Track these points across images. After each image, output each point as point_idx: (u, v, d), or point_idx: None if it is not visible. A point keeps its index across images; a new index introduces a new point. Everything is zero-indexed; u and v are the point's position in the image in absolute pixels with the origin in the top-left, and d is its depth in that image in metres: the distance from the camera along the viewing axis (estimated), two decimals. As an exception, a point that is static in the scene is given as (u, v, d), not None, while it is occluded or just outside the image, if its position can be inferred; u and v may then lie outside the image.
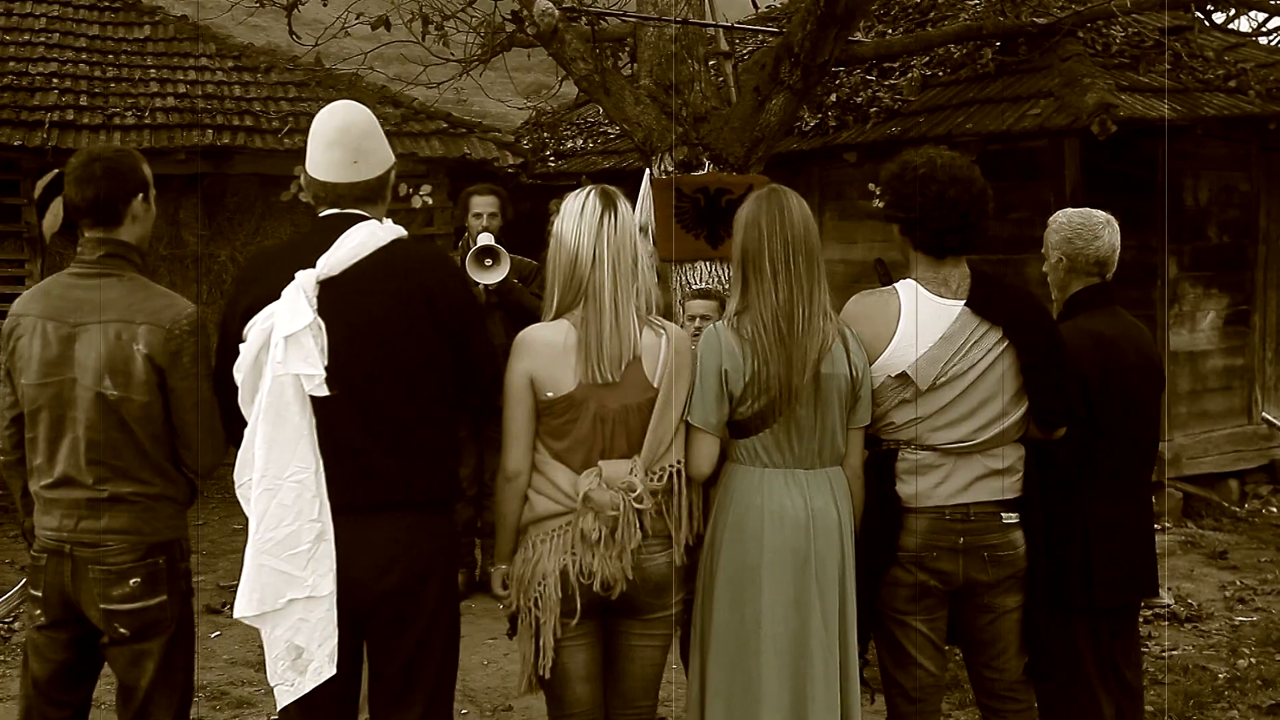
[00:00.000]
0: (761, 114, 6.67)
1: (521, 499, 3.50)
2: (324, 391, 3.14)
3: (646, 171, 6.95)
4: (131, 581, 3.36)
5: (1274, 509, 9.61)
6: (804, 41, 6.38)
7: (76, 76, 10.93)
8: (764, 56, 6.95)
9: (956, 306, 3.64)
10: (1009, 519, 3.67)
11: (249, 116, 10.91)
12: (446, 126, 11.53)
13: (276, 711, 3.35)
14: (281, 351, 3.11)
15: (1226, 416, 9.93)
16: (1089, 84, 8.36)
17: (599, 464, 3.45)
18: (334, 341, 3.17)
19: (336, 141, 3.33)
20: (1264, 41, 11.33)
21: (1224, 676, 5.85)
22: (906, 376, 3.60)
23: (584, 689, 3.55)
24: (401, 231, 3.38)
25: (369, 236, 3.27)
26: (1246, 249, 10.09)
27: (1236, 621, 6.80)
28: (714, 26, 7.40)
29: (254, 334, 3.18)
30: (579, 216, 3.51)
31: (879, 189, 3.86)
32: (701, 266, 6.78)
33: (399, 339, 3.25)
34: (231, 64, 11.78)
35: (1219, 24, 10.36)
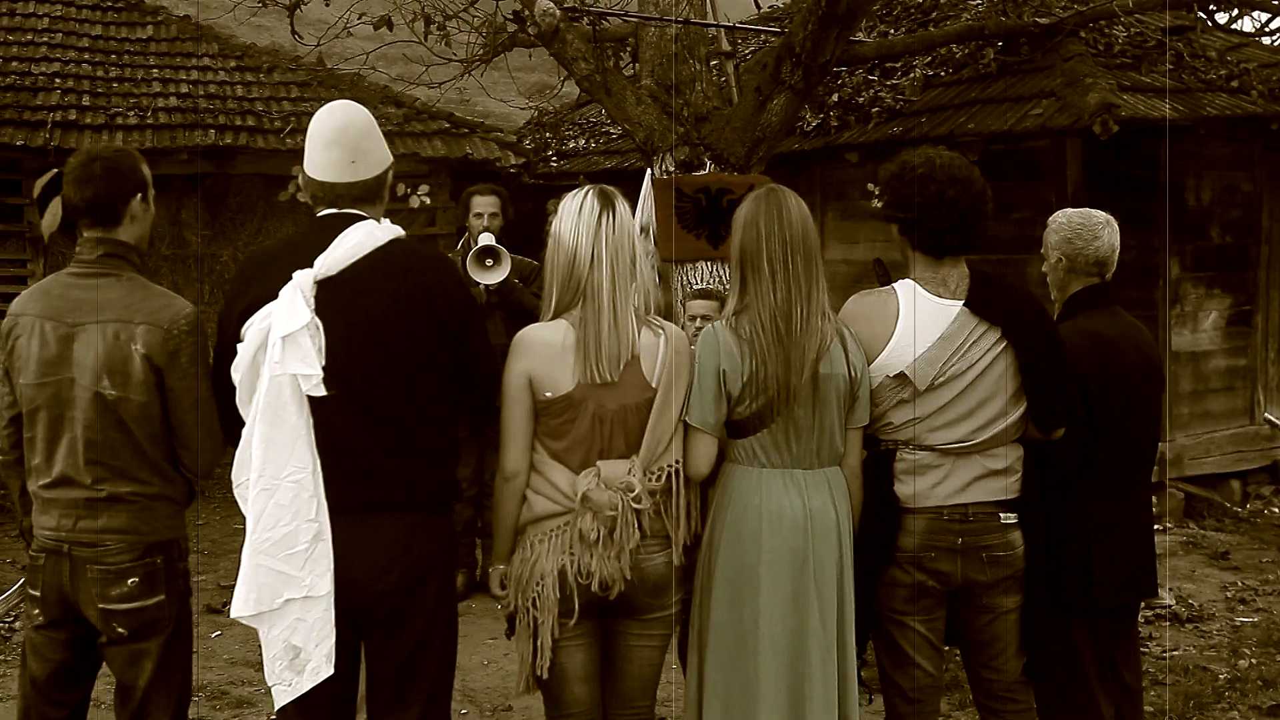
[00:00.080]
0: (763, 114, 6.67)
1: (520, 499, 3.50)
2: (321, 391, 3.13)
3: (648, 171, 6.95)
4: (129, 581, 3.36)
5: (1276, 510, 9.60)
6: (805, 41, 6.38)
7: (79, 76, 10.95)
8: (765, 56, 6.94)
9: (955, 306, 3.63)
10: (1007, 519, 3.67)
11: (251, 116, 10.93)
12: (448, 127, 11.54)
13: (275, 711, 3.35)
14: (279, 351, 3.11)
15: (1229, 417, 9.92)
16: (1091, 84, 8.35)
17: (597, 464, 3.44)
18: (332, 341, 3.17)
19: (334, 141, 3.33)
20: (1267, 41, 11.30)
21: (1224, 677, 5.84)
22: (905, 376, 3.60)
23: (582, 689, 3.54)
24: (399, 231, 3.37)
25: (367, 236, 3.27)
26: (1249, 249, 10.08)
27: (1237, 622, 6.79)
28: (715, 26, 7.40)
29: (251, 334, 3.18)
30: (577, 216, 3.50)
31: (878, 189, 3.86)
32: (702, 266, 6.78)
33: (397, 339, 3.25)
34: (234, 64, 11.81)
35: (1222, 24, 10.35)
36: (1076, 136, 8.52)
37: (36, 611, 3.45)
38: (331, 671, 3.18)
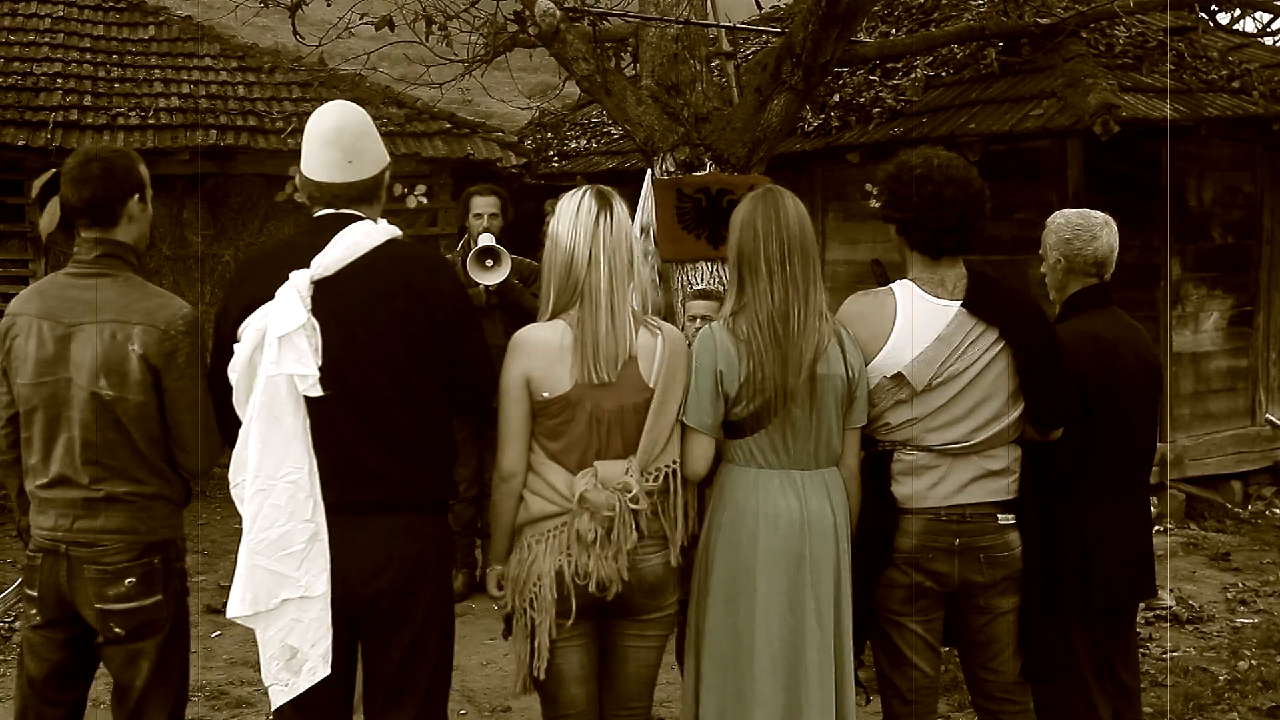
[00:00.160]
0: (763, 114, 6.67)
1: (517, 499, 3.49)
2: (318, 392, 3.13)
3: (648, 172, 6.95)
4: (127, 581, 3.37)
5: (1277, 510, 9.58)
6: (805, 42, 6.38)
7: (81, 77, 10.97)
8: (765, 57, 6.95)
9: (953, 307, 3.63)
10: (1005, 520, 3.66)
11: (252, 117, 10.94)
12: (450, 127, 11.55)
13: (272, 711, 3.35)
14: (275, 352, 3.11)
15: (1230, 418, 9.91)
16: (1092, 84, 8.34)
17: (595, 464, 3.44)
18: (328, 342, 3.17)
19: (331, 142, 3.33)
20: (1269, 42, 11.29)
21: (1224, 678, 5.84)
22: (902, 377, 3.59)
23: (579, 690, 3.54)
24: (396, 231, 3.37)
25: (363, 236, 3.27)
26: (1250, 250, 10.08)
27: (1238, 623, 6.79)
28: (716, 27, 7.40)
29: (248, 334, 3.18)
30: (574, 217, 3.50)
31: (876, 189, 3.85)
32: (703, 267, 6.78)
33: (393, 339, 3.25)
34: (235, 64, 11.82)
35: (1224, 25, 10.34)
36: (1077, 137, 8.51)
37: (34, 611, 3.45)
38: (328, 672, 3.18)
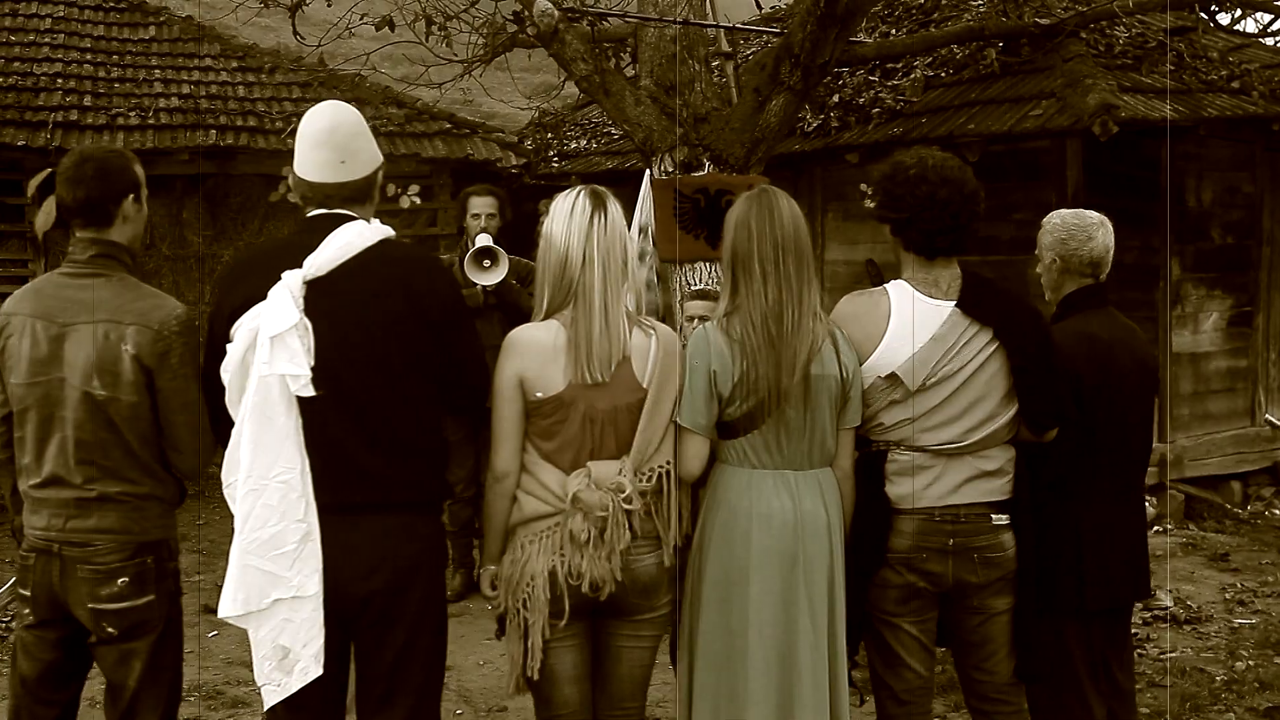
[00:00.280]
0: (762, 115, 6.67)
1: (510, 500, 3.49)
2: (310, 392, 3.13)
3: (647, 172, 6.95)
4: (119, 581, 3.37)
5: (1276, 511, 9.58)
6: (804, 42, 6.38)
7: (81, 77, 10.98)
8: (764, 57, 6.94)
9: (947, 307, 3.63)
10: (999, 520, 3.66)
11: (252, 117, 10.95)
12: (450, 127, 11.56)
13: (264, 711, 3.35)
14: (267, 352, 3.11)
15: (1229, 418, 9.91)
16: (1091, 85, 8.33)
17: (588, 465, 3.44)
18: (320, 342, 3.17)
19: (324, 142, 3.33)
20: (1269, 43, 11.28)
21: (1221, 679, 5.83)
22: (896, 377, 3.59)
23: (572, 690, 3.54)
24: (389, 231, 3.37)
25: (356, 236, 3.27)
26: (1250, 250, 10.07)
27: (1236, 624, 6.78)
28: (715, 27, 7.40)
29: (240, 334, 3.18)
30: (569, 217, 3.50)
31: (871, 189, 3.85)
32: (701, 267, 6.77)
33: (386, 339, 3.25)
34: (235, 64, 11.82)
35: (1225, 25, 10.33)
36: (1077, 137, 8.50)
37: (27, 611, 3.46)
38: (320, 672, 3.18)
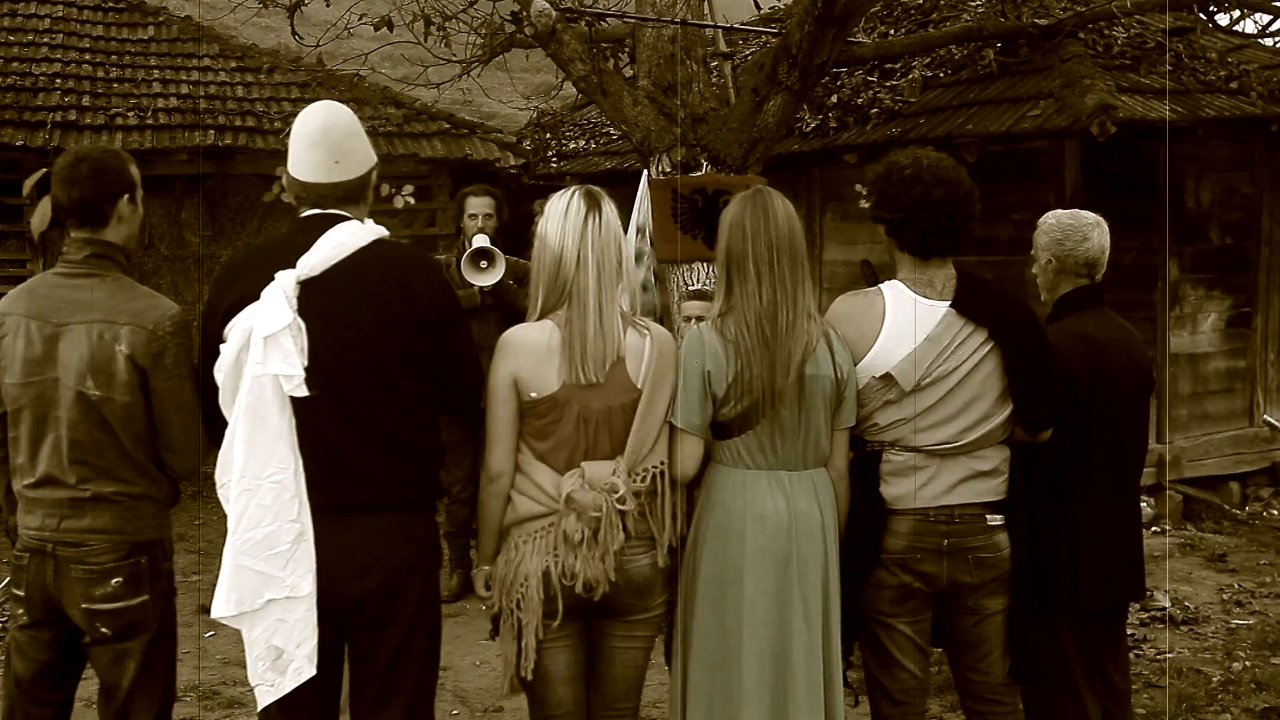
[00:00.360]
0: (759, 115, 6.66)
1: (504, 500, 3.50)
2: (303, 392, 3.13)
3: (645, 172, 6.95)
4: (113, 581, 3.37)
5: (1275, 512, 9.58)
6: (802, 42, 6.37)
7: (80, 77, 10.98)
8: (762, 57, 6.94)
9: (941, 307, 3.63)
10: (994, 521, 3.66)
11: (251, 117, 10.95)
12: (448, 127, 11.55)
13: (258, 711, 3.35)
14: (261, 352, 3.11)
15: (1228, 419, 9.90)
16: (1089, 85, 8.33)
17: (582, 465, 3.44)
18: (314, 342, 3.17)
19: (318, 142, 3.33)
20: (1268, 43, 11.28)
21: (1218, 679, 5.83)
22: (891, 377, 3.59)
23: (566, 690, 3.53)
24: (383, 231, 3.37)
25: (350, 236, 3.27)
26: (1249, 251, 10.07)
27: (1233, 625, 6.78)
28: (713, 27, 7.40)
29: (234, 334, 3.18)
30: (563, 217, 3.50)
31: (866, 189, 3.85)
32: (699, 267, 6.77)
33: (380, 339, 3.24)
34: (234, 65, 11.82)
35: (1224, 25, 10.33)
36: (1075, 138, 8.50)
37: (21, 611, 3.46)
38: (314, 672, 3.18)
